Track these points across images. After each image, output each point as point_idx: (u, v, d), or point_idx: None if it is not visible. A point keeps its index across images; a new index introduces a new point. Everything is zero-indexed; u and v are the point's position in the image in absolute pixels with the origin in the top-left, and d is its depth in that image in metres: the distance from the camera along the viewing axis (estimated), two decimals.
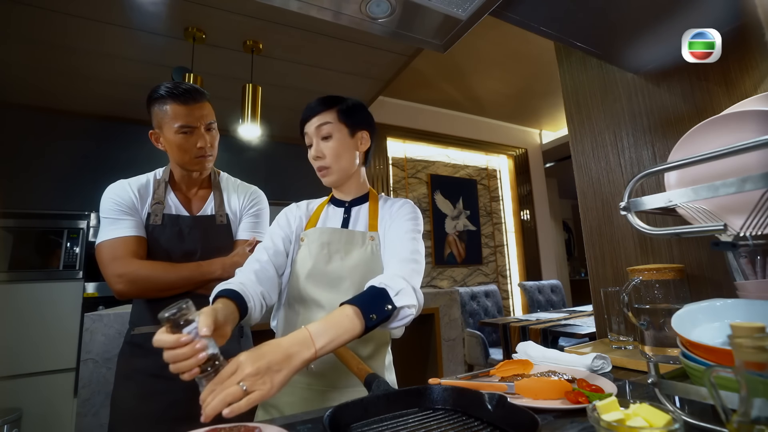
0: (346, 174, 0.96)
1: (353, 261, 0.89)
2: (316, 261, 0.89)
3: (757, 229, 0.61)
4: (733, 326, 0.36)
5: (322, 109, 0.93)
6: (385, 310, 0.70)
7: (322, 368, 0.86)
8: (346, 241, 0.91)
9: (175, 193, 1.15)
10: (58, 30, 2.20)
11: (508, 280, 4.72)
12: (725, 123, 0.71)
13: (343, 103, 0.94)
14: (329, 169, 0.93)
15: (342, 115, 0.93)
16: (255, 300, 0.78)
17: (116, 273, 1.01)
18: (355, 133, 0.95)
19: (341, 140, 0.93)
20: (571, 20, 0.93)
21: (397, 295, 0.73)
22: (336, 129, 0.92)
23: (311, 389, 0.87)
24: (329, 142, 0.92)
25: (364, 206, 0.99)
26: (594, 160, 1.28)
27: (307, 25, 2.31)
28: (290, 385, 0.85)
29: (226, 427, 0.52)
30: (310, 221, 0.98)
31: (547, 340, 2.31)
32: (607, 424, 0.36)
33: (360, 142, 0.96)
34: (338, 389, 0.86)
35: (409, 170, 4.25)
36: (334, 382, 0.87)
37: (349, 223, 0.97)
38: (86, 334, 1.36)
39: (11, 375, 2.28)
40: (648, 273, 0.88)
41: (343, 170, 0.94)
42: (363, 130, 0.97)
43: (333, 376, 0.87)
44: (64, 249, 2.64)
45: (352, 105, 0.96)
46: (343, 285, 0.87)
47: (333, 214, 0.99)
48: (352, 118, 0.94)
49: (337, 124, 0.93)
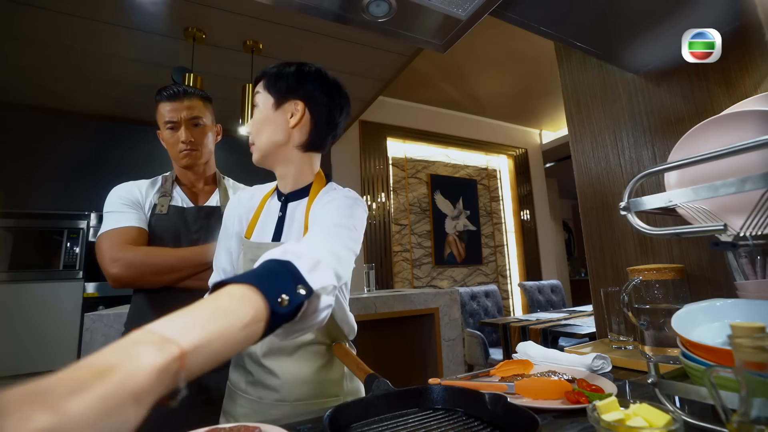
0: (268, 152, 0.80)
1: None
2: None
3: (757, 229, 0.61)
4: (733, 326, 0.36)
5: (260, 75, 0.82)
6: (297, 294, 0.45)
7: (273, 382, 0.76)
8: None
9: (181, 187, 1.19)
10: (59, 30, 2.20)
11: (508, 280, 4.72)
12: (725, 123, 0.71)
13: (277, 68, 0.81)
14: (253, 146, 0.81)
15: (268, 81, 0.80)
16: None
17: (113, 258, 0.99)
18: (282, 104, 0.79)
19: (263, 111, 0.80)
20: (571, 20, 0.93)
21: (312, 272, 0.49)
22: (262, 99, 0.80)
23: (262, 402, 0.78)
24: (255, 113, 0.82)
25: (302, 203, 0.82)
26: (594, 160, 1.28)
27: (307, 25, 2.31)
28: (242, 396, 0.80)
29: (225, 428, 0.52)
30: (251, 222, 0.85)
31: (547, 340, 2.31)
32: (607, 424, 0.36)
33: (290, 115, 0.79)
34: (289, 403, 0.76)
35: (409, 170, 4.25)
36: (286, 395, 0.77)
37: (284, 226, 0.82)
38: (86, 334, 1.36)
39: (11, 375, 2.28)
40: (648, 273, 0.88)
41: (262, 147, 0.80)
42: (293, 100, 0.79)
43: (286, 390, 0.77)
44: (64, 249, 2.64)
45: (282, 70, 0.80)
46: None
47: (271, 212, 0.85)
48: (278, 85, 0.79)
49: (264, 93, 0.80)
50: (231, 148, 3.14)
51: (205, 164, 1.19)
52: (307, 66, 0.82)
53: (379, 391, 0.60)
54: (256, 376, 0.79)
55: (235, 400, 0.82)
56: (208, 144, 1.18)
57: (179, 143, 1.13)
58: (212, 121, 1.20)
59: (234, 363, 0.86)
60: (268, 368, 0.78)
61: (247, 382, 0.81)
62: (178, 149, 1.13)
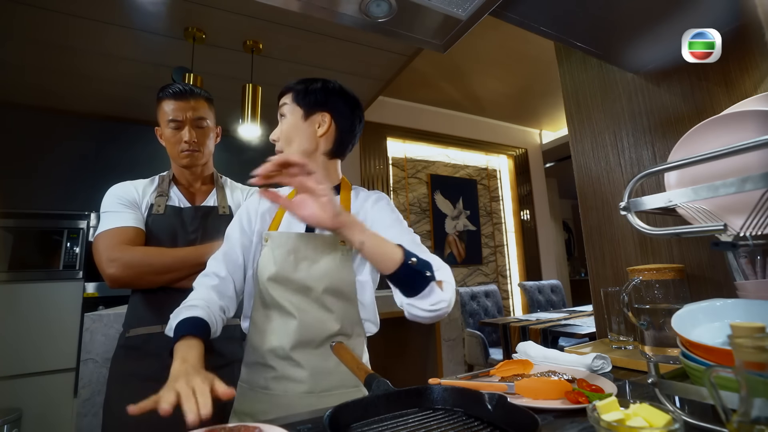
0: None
1: (321, 269, 0.84)
2: (281, 267, 0.83)
3: (757, 229, 0.61)
4: (733, 326, 0.36)
5: (285, 89, 0.90)
6: (425, 273, 0.70)
7: (300, 374, 0.81)
8: (313, 248, 0.85)
9: (178, 187, 1.18)
10: (59, 30, 2.20)
11: (508, 280, 4.72)
12: (725, 123, 0.71)
13: (303, 83, 0.89)
14: (281, 154, 0.87)
15: (297, 95, 0.88)
16: (217, 319, 0.77)
17: (110, 258, 0.99)
18: (310, 116, 0.87)
19: (292, 122, 0.87)
20: (571, 20, 0.93)
21: (437, 271, 0.73)
22: (290, 110, 0.88)
23: (287, 396, 0.81)
24: (283, 124, 0.89)
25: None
26: (594, 160, 1.28)
27: (307, 25, 2.31)
28: (262, 392, 0.82)
29: (225, 428, 0.52)
30: (276, 217, 0.90)
31: (547, 340, 2.31)
32: (607, 424, 0.36)
33: (318, 126, 0.88)
34: (315, 394, 0.81)
35: (409, 170, 4.25)
36: (313, 387, 0.81)
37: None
38: (86, 334, 1.36)
39: (11, 375, 2.28)
40: (648, 273, 0.88)
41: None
42: (321, 112, 0.88)
43: (313, 381, 0.81)
44: (64, 249, 2.64)
45: (310, 85, 0.89)
46: (312, 294, 0.83)
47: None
48: (307, 99, 0.87)
49: (292, 105, 0.88)
50: (230, 148, 3.15)
51: (203, 165, 1.19)
52: (331, 83, 0.91)
53: (379, 391, 0.60)
54: (281, 371, 0.82)
55: (251, 398, 0.83)
56: (209, 145, 1.19)
57: (182, 142, 1.12)
58: (214, 122, 1.21)
59: (250, 362, 0.86)
60: (295, 361, 0.81)
61: (268, 378, 0.83)
62: (180, 148, 1.13)
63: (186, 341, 0.68)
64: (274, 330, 0.83)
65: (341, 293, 0.84)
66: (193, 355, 0.65)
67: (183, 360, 0.63)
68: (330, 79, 0.93)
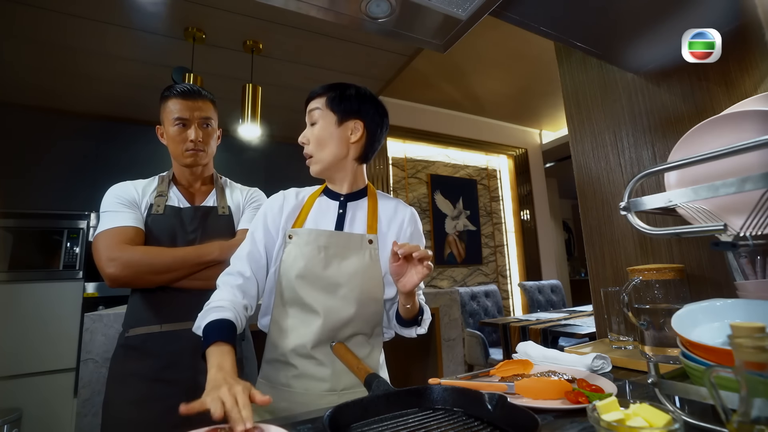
0: (330, 165, 0.90)
1: (351, 267, 0.85)
2: (310, 263, 0.83)
3: (757, 229, 0.61)
4: (733, 326, 0.36)
5: (317, 94, 0.90)
6: (419, 318, 0.89)
7: (322, 372, 0.83)
8: (344, 245, 0.86)
9: (177, 187, 1.18)
10: (59, 30, 2.20)
11: (508, 280, 4.72)
12: (725, 123, 0.71)
13: (337, 90, 0.90)
14: (312, 158, 0.90)
15: (331, 101, 0.89)
16: (242, 319, 0.78)
17: (109, 257, 0.99)
18: (344, 122, 0.89)
19: (326, 128, 0.88)
20: (571, 20, 0.93)
21: (425, 312, 0.91)
22: (323, 116, 0.89)
23: (308, 394, 0.83)
24: (315, 128, 0.89)
25: (362, 203, 0.93)
26: (594, 160, 1.28)
27: (307, 25, 2.31)
28: (283, 390, 0.84)
29: (226, 427, 0.52)
30: (300, 216, 0.91)
31: (547, 340, 2.31)
32: (607, 424, 0.36)
33: (350, 132, 0.89)
34: (337, 392, 0.83)
35: (409, 170, 4.25)
36: (334, 385, 0.83)
37: (345, 221, 0.90)
38: (86, 334, 1.36)
39: (11, 375, 2.28)
40: (648, 273, 0.88)
41: (325, 160, 0.89)
42: (354, 119, 0.89)
43: (334, 379, 0.83)
44: (64, 249, 2.64)
45: (345, 92, 0.90)
46: (340, 291, 0.83)
47: (326, 208, 0.92)
48: (342, 105, 0.88)
49: (325, 110, 0.89)
50: (230, 148, 3.15)
51: (205, 165, 1.19)
52: (363, 89, 0.93)
53: (379, 391, 0.60)
54: (302, 369, 0.83)
55: (272, 396, 0.83)
56: (213, 146, 1.20)
57: (187, 142, 1.12)
58: (217, 124, 1.22)
59: (271, 360, 0.87)
60: (318, 359, 0.83)
61: (289, 376, 0.83)
62: (185, 147, 1.13)
63: (219, 347, 0.69)
64: (296, 328, 0.84)
65: (368, 291, 0.86)
66: (228, 362, 0.67)
67: (219, 368, 0.65)
68: (362, 86, 0.94)
